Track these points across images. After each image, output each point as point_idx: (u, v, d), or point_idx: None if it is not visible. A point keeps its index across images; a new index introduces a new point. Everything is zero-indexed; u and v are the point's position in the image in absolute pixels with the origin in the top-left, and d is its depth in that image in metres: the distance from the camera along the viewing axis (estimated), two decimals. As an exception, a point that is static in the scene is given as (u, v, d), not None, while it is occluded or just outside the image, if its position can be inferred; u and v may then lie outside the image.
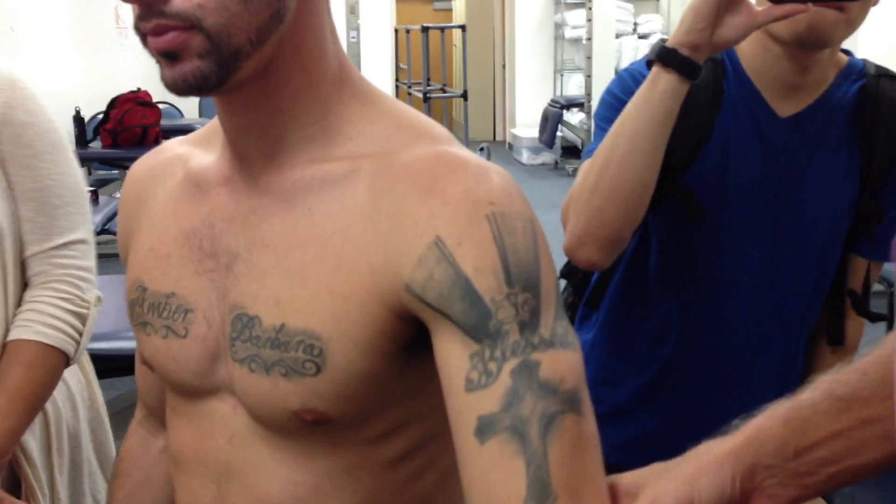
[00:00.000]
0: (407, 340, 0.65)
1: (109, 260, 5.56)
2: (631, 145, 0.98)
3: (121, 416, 2.36)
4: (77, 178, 1.18)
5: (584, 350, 1.29)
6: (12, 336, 1.11)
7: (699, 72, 0.96)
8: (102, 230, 3.37)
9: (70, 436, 1.24)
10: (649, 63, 1.00)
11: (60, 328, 1.12)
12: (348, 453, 0.70)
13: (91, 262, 1.20)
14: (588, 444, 0.58)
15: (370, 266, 0.63)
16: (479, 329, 0.58)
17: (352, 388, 0.65)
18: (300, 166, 0.68)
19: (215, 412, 0.73)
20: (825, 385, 0.67)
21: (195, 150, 0.78)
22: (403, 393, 0.69)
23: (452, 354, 0.59)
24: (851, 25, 1.02)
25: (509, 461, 0.56)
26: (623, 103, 1.03)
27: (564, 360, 0.59)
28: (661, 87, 0.97)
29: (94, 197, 3.61)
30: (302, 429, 0.68)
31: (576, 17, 8.85)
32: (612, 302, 1.26)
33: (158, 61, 0.62)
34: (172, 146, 0.81)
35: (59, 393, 1.21)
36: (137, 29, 0.62)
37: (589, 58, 6.26)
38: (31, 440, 1.16)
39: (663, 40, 0.97)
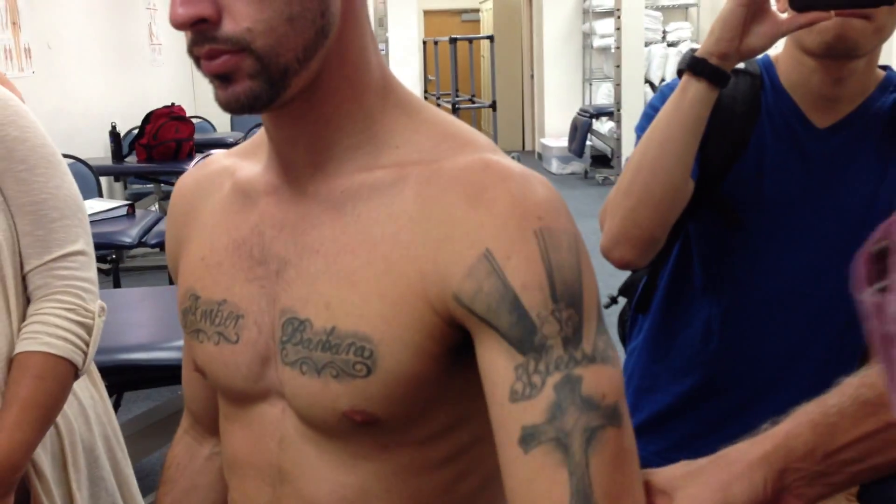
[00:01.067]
0: (453, 344, 0.67)
1: (146, 272, 5.62)
2: (661, 149, 1.02)
3: (157, 426, 2.40)
4: (73, 191, 1.18)
5: (630, 357, 1.31)
6: (19, 349, 1.11)
7: (728, 79, 1.00)
8: (139, 243, 3.42)
9: (86, 450, 1.24)
10: (680, 72, 1.02)
11: (67, 338, 1.12)
12: (396, 455, 0.71)
13: (92, 273, 1.20)
14: (627, 457, 0.61)
15: (420, 272, 0.65)
16: (524, 342, 0.61)
17: (401, 390, 0.67)
18: (348, 174, 0.70)
19: (265, 416, 0.75)
20: (852, 389, 0.69)
21: (241, 161, 0.80)
22: (449, 396, 0.70)
23: (497, 364, 0.62)
24: (880, 33, 1.04)
25: (553, 471, 0.59)
26: None
27: (605, 376, 0.61)
28: (690, 94, 1.00)
29: (131, 211, 3.66)
30: (351, 430, 0.69)
31: (604, 26, 8.84)
32: (656, 309, 1.27)
33: (212, 83, 0.65)
34: (218, 159, 0.83)
35: (70, 407, 1.21)
36: (191, 53, 0.64)
37: (618, 66, 6.26)
38: (42, 454, 1.15)
39: (693, 50, 1.00)
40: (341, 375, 0.67)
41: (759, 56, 1.17)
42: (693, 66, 0.99)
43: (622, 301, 1.36)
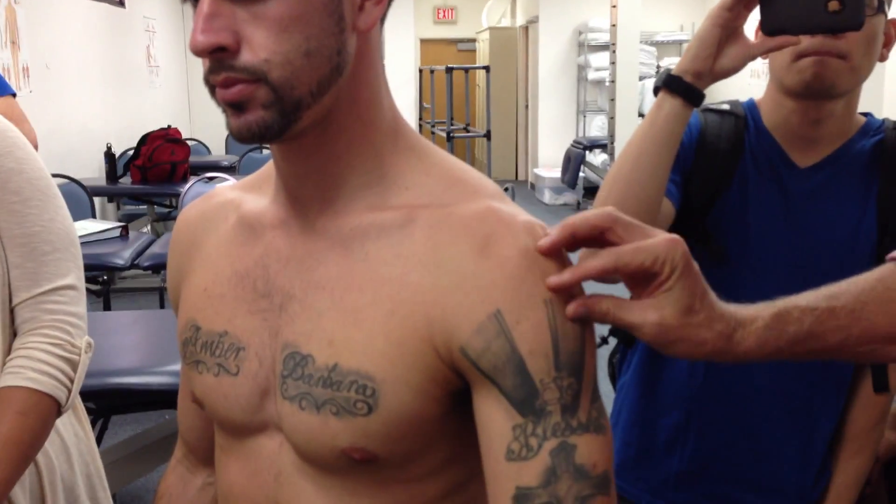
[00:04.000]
0: (455, 389, 0.67)
1: (137, 294, 5.59)
2: (636, 164, 1.04)
3: (145, 450, 2.38)
4: (66, 224, 1.17)
5: (619, 393, 1.32)
6: (2, 384, 1.08)
7: (702, 98, 1.02)
8: (132, 265, 3.41)
9: (66, 489, 1.21)
10: (656, 90, 1.05)
11: (52, 374, 1.10)
12: (393, 492, 0.71)
13: (81, 308, 1.17)
14: None
15: (426, 316, 0.66)
16: (525, 404, 0.63)
17: (402, 429, 0.67)
18: (357, 213, 0.70)
19: (263, 450, 0.74)
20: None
21: (246, 195, 0.80)
22: (449, 434, 0.70)
23: (496, 420, 0.64)
24: (856, 73, 1.08)
25: None
26: None
27: (597, 445, 0.64)
28: (665, 110, 1.02)
29: (125, 232, 3.65)
30: (349, 467, 0.69)
31: (599, 59, 8.92)
32: (643, 346, 1.29)
33: (225, 111, 0.65)
34: (223, 192, 0.84)
35: (51, 444, 1.18)
36: (207, 81, 0.65)
37: (612, 100, 6.30)
38: (20, 492, 1.12)
39: (669, 69, 1.03)
40: (341, 413, 0.67)
41: (745, 100, 1.23)
42: (668, 83, 1.02)
43: (612, 342, 1.37)
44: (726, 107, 1.22)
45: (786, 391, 1.20)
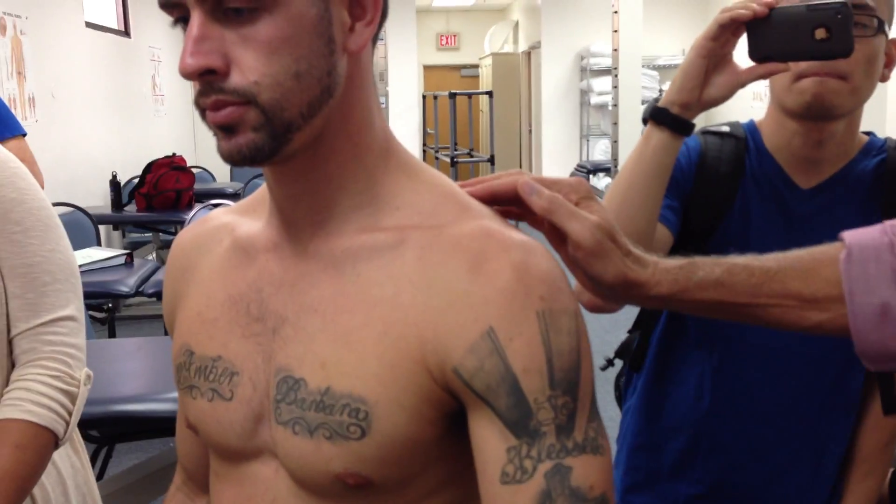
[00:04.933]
0: (449, 411, 0.67)
1: (142, 321, 5.59)
2: (625, 196, 1.03)
3: (149, 478, 2.37)
4: (67, 255, 1.16)
5: (625, 417, 1.31)
6: (0, 416, 1.07)
7: (690, 128, 1.02)
8: (137, 292, 3.41)
9: None
10: (645, 120, 1.05)
11: (50, 406, 1.09)
12: None
13: (81, 339, 1.16)
14: None
15: (419, 337, 0.65)
16: (519, 426, 0.62)
17: (396, 453, 0.66)
18: (348, 234, 0.70)
19: (257, 476, 0.74)
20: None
21: (241, 218, 0.80)
22: (443, 457, 0.69)
23: (490, 443, 0.63)
24: (857, 94, 1.08)
25: None
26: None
27: (594, 466, 0.63)
28: (653, 142, 1.02)
29: (129, 259, 3.66)
30: (343, 492, 0.68)
31: (602, 83, 8.96)
32: (649, 368, 1.27)
33: (216, 134, 0.65)
34: (218, 216, 0.84)
35: (48, 477, 1.16)
36: (197, 104, 0.65)
37: (615, 124, 6.32)
38: None
39: (656, 100, 1.03)
40: (335, 437, 0.66)
41: (745, 122, 1.22)
42: (655, 115, 1.01)
43: (618, 364, 1.36)
44: (726, 129, 1.21)
45: (794, 413, 1.19)
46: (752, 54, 0.92)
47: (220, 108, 0.63)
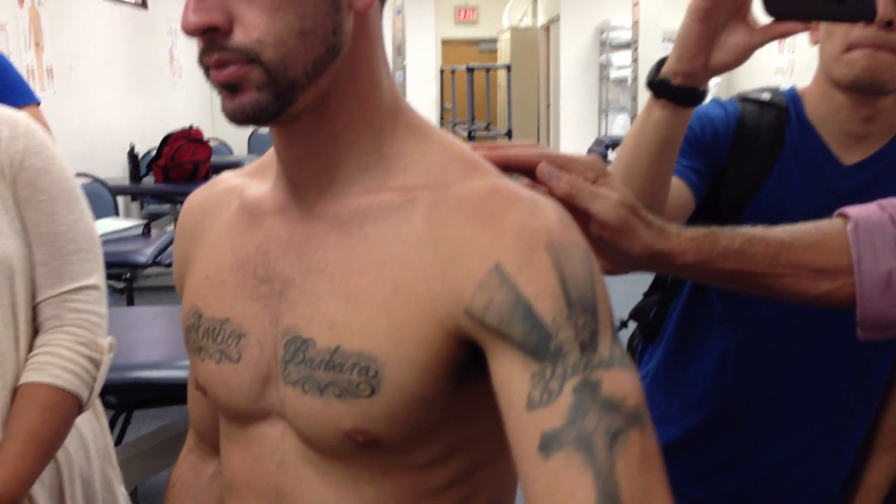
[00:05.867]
0: (460, 365, 0.66)
1: (160, 291, 5.64)
2: (628, 170, 0.95)
3: (166, 444, 2.40)
4: (91, 226, 1.19)
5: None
6: (26, 379, 1.09)
7: (699, 99, 0.92)
8: (154, 262, 3.44)
9: (84, 484, 1.23)
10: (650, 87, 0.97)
11: (76, 372, 1.11)
12: (397, 479, 0.70)
13: (103, 308, 1.19)
14: (654, 461, 0.59)
15: (429, 291, 0.65)
16: (539, 350, 0.59)
17: (405, 411, 0.66)
18: (355, 195, 0.70)
19: (265, 437, 0.74)
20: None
21: (249, 181, 0.80)
22: (453, 419, 0.69)
23: (513, 375, 0.60)
24: None
25: (576, 473, 0.56)
26: (687, 141, 1.04)
27: (625, 379, 0.59)
28: (654, 116, 0.93)
29: (147, 231, 3.68)
30: (352, 452, 0.69)
31: (621, 57, 8.88)
32: (668, 340, 1.25)
33: (220, 93, 0.65)
34: (227, 178, 0.84)
35: (71, 441, 1.19)
36: (201, 62, 0.64)
37: (634, 98, 6.28)
38: (39, 488, 1.13)
39: (660, 64, 0.94)
40: (344, 395, 0.66)
41: (786, 88, 1.15)
42: (655, 87, 0.92)
43: (632, 325, 1.35)
44: (766, 96, 1.13)
45: (819, 396, 1.16)
46: (768, 9, 0.83)
47: (224, 66, 0.62)
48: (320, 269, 0.70)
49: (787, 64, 6.59)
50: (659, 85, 0.92)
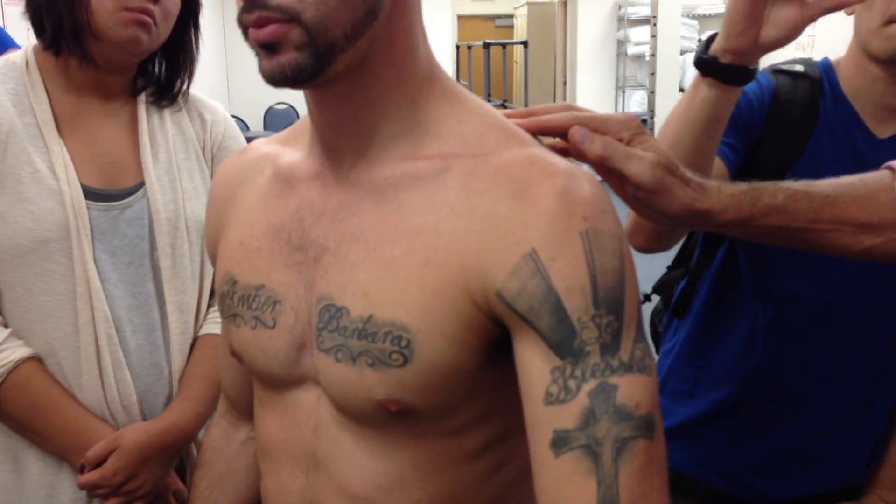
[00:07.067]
0: (493, 338, 0.67)
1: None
2: (672, 149, 0.93)
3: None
4: None
5: (665, 360, 1.29)
6: (205, 331, 1.20)
7: (748, 77, 0.91)
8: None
9: None
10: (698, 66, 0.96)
11: None
12: (431, 444, 0.71)
13: None
14: (656, 468, 0.62)
15: (461, 265, 0.65)
16: (563, 346, 0.61)
17: (437, 380, 0.66)
18: (391, 162, 0.70)
19: (300, 403, 0.75)
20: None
21: (282, 148, 0.80)
22: (486, 386, 0.70)
23: (534, 365, 0.62)
24: None
25: (582, 478, 0.60)
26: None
27: (640, 385, 0.62)
28: (701, 94, 0.93)
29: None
30: (386, 419, 0.69)
31: (639, 33, 8.80)
32: (697, 313, 1.25)
33: (258, 53, 0.64)
34: (260, 146, 0.84)
35: None
36: (240, 21, 0.64)
37: (653, 74, 6.23)
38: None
39: (709, 42, 0.93)
40: (377, 364, 0.67)
41: (820, 60, 1.14)
42: (702, 66, 0.91)
43: (655, 299, 1.35)
44: (800, 68, 1.12)
45: (848, 371, 1.16)
46: None
47: (263, 25, 0.62)
48: (354, 237, 0.70)
49: (808, 39, 6.50)
50: (707, 63, 0.90)
